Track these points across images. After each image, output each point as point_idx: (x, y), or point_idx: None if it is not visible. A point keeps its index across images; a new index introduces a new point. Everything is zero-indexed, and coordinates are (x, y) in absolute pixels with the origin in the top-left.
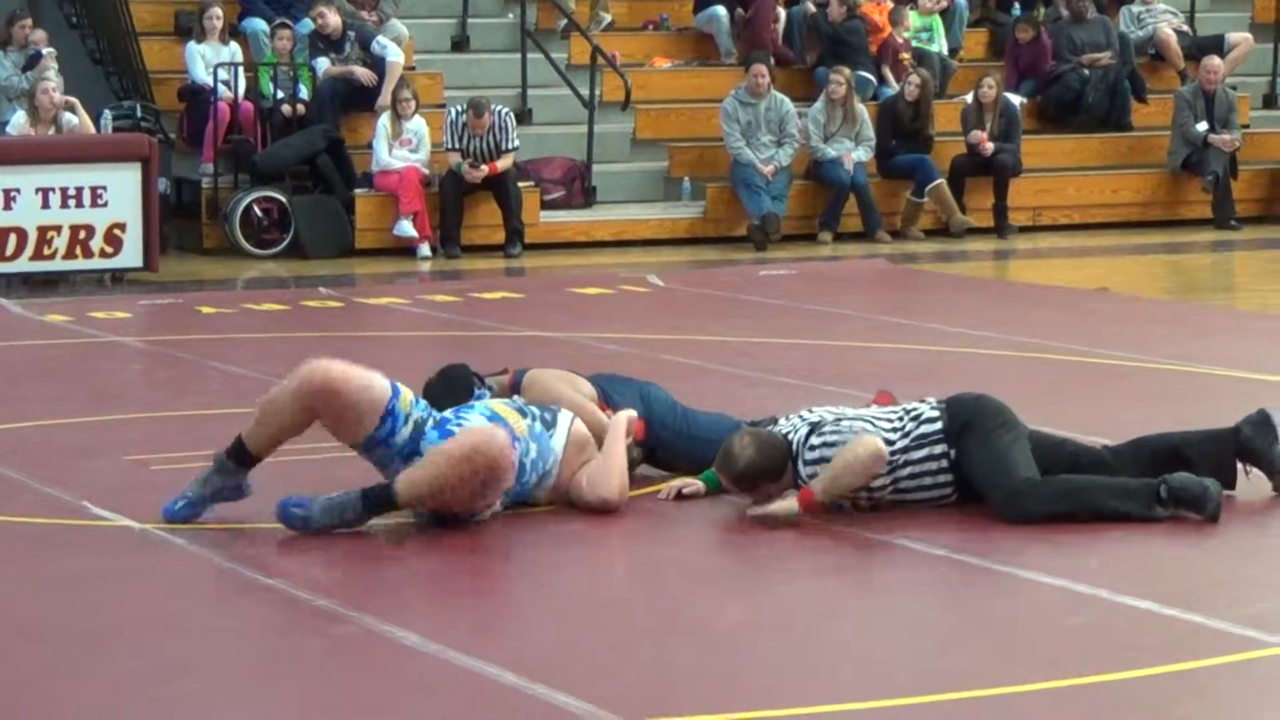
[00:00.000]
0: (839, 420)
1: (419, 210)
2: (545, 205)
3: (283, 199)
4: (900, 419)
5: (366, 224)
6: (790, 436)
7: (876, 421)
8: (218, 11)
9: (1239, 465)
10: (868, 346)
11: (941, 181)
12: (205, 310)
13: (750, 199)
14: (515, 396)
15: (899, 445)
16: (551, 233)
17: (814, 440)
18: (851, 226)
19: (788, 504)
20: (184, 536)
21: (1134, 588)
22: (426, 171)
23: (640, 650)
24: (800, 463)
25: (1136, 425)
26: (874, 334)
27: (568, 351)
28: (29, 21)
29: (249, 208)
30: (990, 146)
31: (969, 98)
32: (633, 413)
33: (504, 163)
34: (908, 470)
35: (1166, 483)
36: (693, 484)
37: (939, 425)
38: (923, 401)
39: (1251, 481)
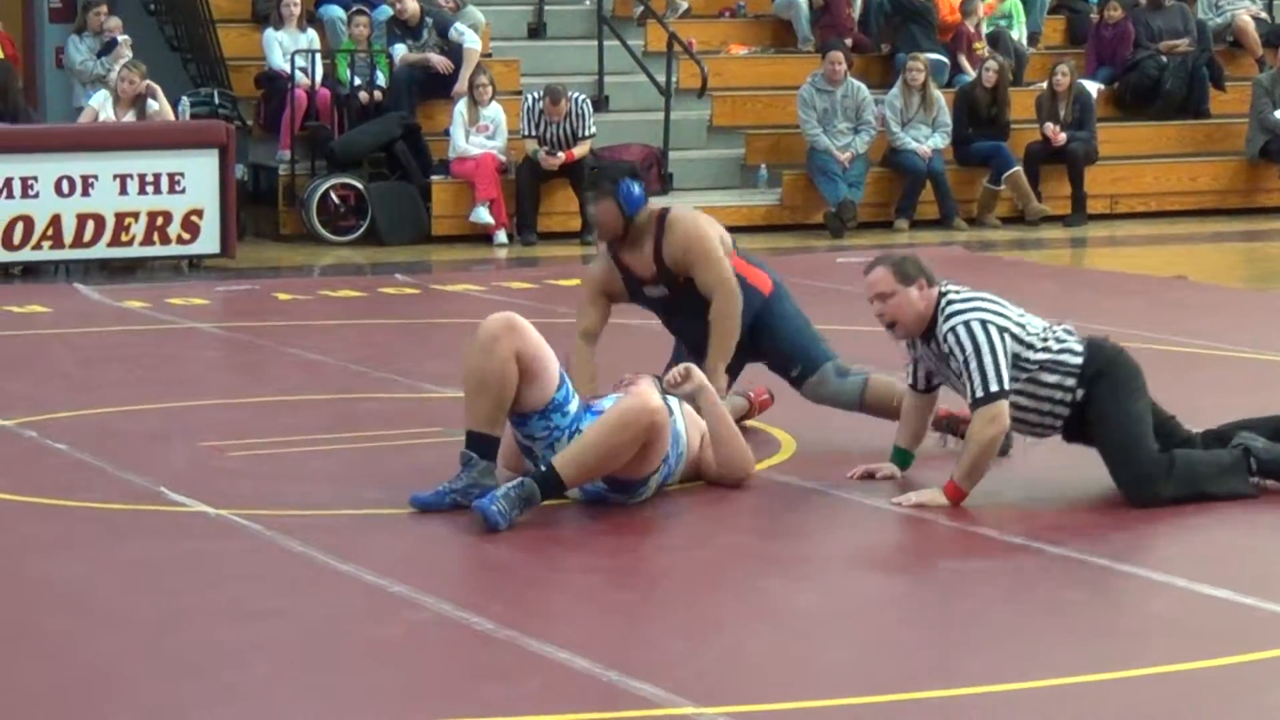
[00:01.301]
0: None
1: (495, 197)
2: None
3: (359, 185)
4: (1045, 334)
5: (443, 211)
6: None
7: (1027, 327)
8: None
9: None
10: None
11: (1018, 169)
12: (282, 297)
13: (827, 186)
14: None
15: (1035, 359)
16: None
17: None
18: (928, 214)
19: (934, 494)
20: (259, 523)
21: (1211, 575)
22: (503, 158)
23: (710, 637)
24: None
25: (1216, 413)
26: None
27: (642, 338)
28: (105, 8)
29: (326, 194)
30: (1063, 138)
31: (1044, 85)
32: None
33: (581, 150)
34: (1032, 389)
35: (1253, 453)
36: (886, 468)
37: (1078, 361)
38: (1065, 329)
39: None
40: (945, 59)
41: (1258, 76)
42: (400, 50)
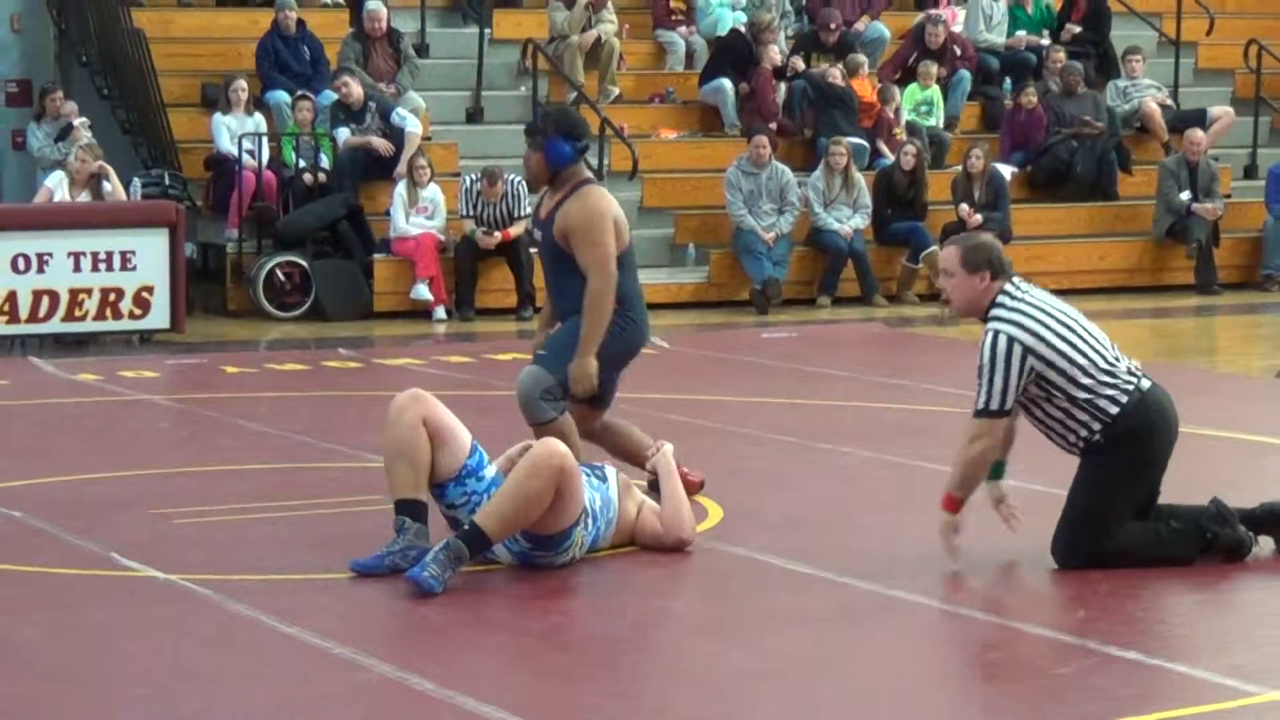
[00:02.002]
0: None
1: (435, 275)
2: None
3: (304, 263)
4: (1103, 369)
5: (384, 288)
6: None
7: (1083, 353)
8: (242, 84)
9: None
10: (865, 406)
11: (935, 248)
12: (230, 370)
13: (752, 265)
14: None
15: (1072, 393)
16: None
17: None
18: (850, 291)
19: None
20: (208, 587)
21: (1120, 639)
22: (442, 238)
23: (642, 697)
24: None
25: None
26: (871, 394)
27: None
28: (60, 94)
29: (272, 272)
30: (978, 218)
31: (960, 168)
32: (671, 446)
33: (516, 229)
34: (1061, 415)
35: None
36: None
37: (1114, 411)
38: (1130, 370)
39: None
40: (866, 143)
41: (1164, 161)
42: (344, 134)
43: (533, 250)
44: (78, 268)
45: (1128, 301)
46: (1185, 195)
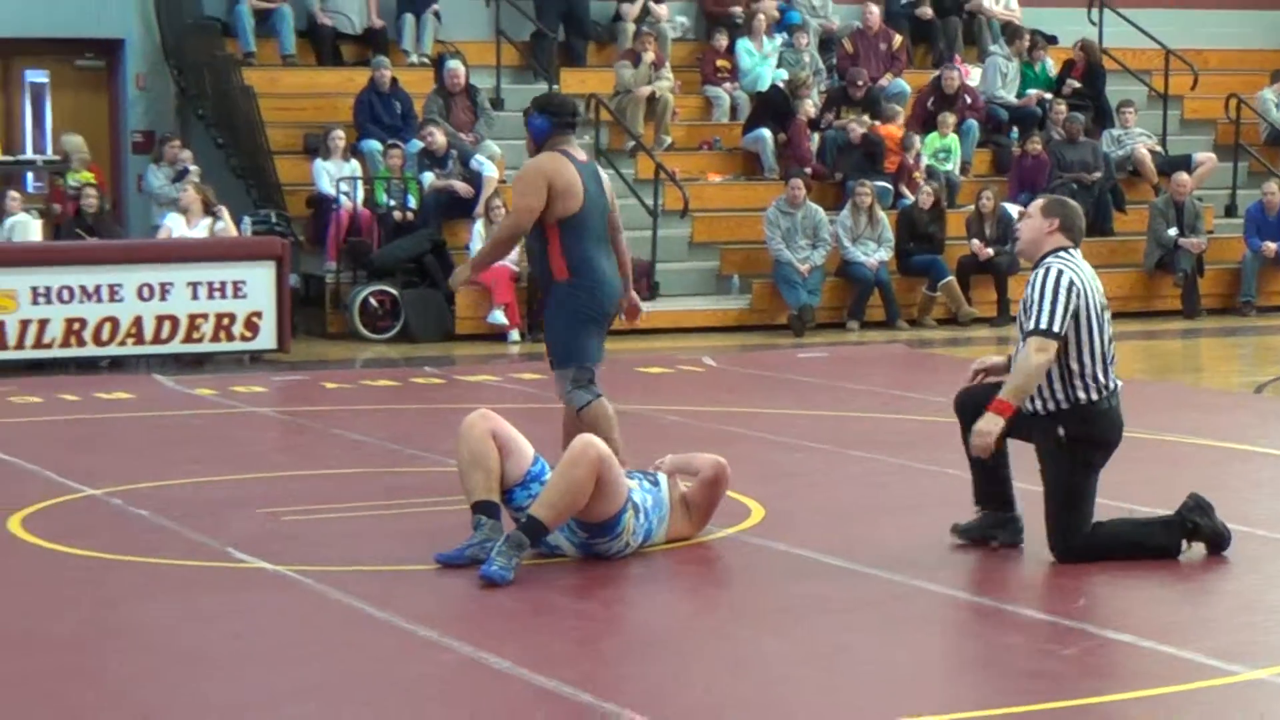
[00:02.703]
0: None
1: (509, 302)
2: None
3: (394, 292)
4: (1101, 353)
5: (465, 313)
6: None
7: (1097, 328)
8: (340, 134)
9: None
10: (890, 418)
11: (951, 278)
12: (329, 386)
13: (789, 293)
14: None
15: (1085, 356)
16: (619, 321)
17: None
18: (875, 316)
19: (988, 420)
20: (311, 577)
21: (1116, 624)
22: (516, 269)
23: (692, 677)
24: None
25: (1113, 486)
26: (895, 407)
27: (635, 422)
28: (178, 141)
29: (366, 299)
30: (989, 252)
31: (973, 207)
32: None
33: None
34: (1057, 364)
35: (1197, 518)
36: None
37: (1084, 398)
38: (1113, 377)
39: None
40: (889, 185)
41: (1153, 201)
42: (429, 178)
43: None
44: (195, 296)
45: (1121, 325)
46: (1173, 231)
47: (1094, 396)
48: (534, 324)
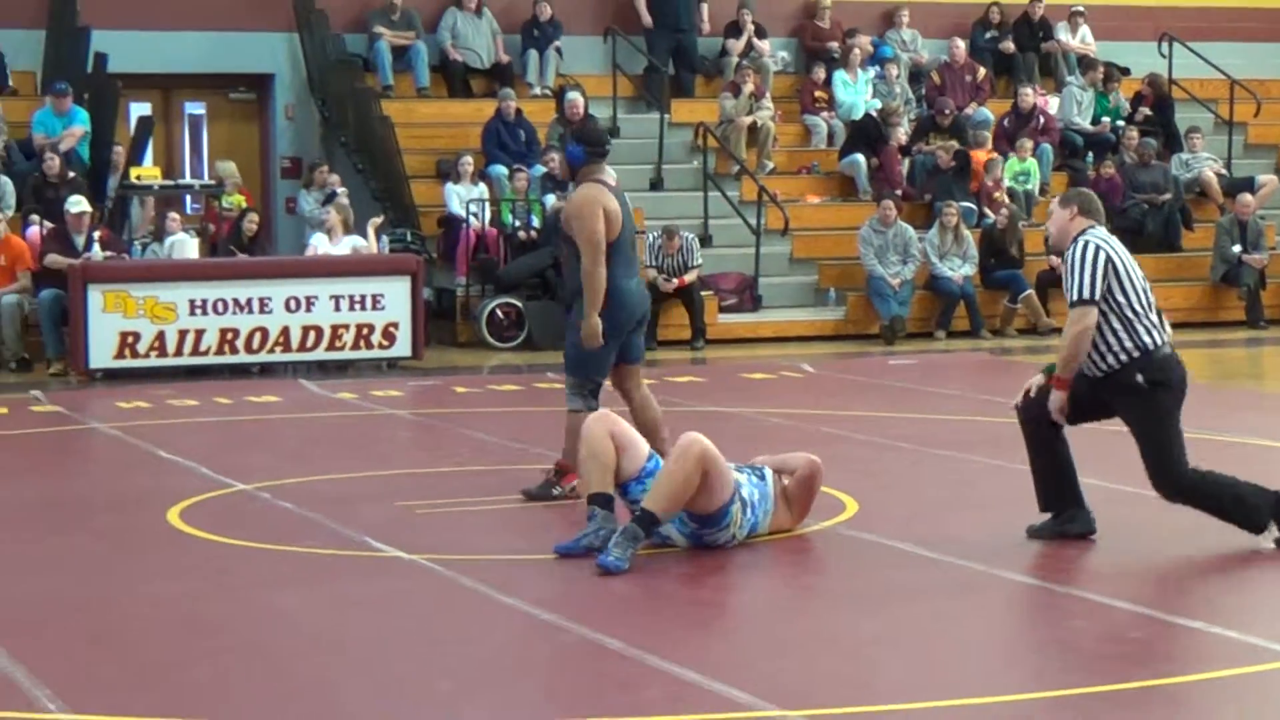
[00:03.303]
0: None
1: None
2: (722, 310)
3: (519, 304)
4: (1148, 307)
5: None
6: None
7: (1139, 287)
8: (469, 159)
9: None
10: (974, 420)
11: (1030, 291)
12: (459, 390)
13: (881, 305)
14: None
15: (1136, 306)
16: (727, 331)
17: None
18: (961, 326)
19: (1056, 396)
20: (442, 565)
21: (1182, 608)
22: None
23: (793, 656)
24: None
25: None
26: (979, 410)
27: (739, 424)
28: (325, 168)
29: (493, 311)
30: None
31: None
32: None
33: (690, 276)
34: (1113, 321)
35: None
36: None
37: (1150, 344)
38: (1163, 327)
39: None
40: (973, 206)
41: (1219, 220)
42: (550, 199)
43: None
44: (338, 308)
45: (1188, 335)
46: (1237, 248)
47: (1157, 340)
48: (647, 333)
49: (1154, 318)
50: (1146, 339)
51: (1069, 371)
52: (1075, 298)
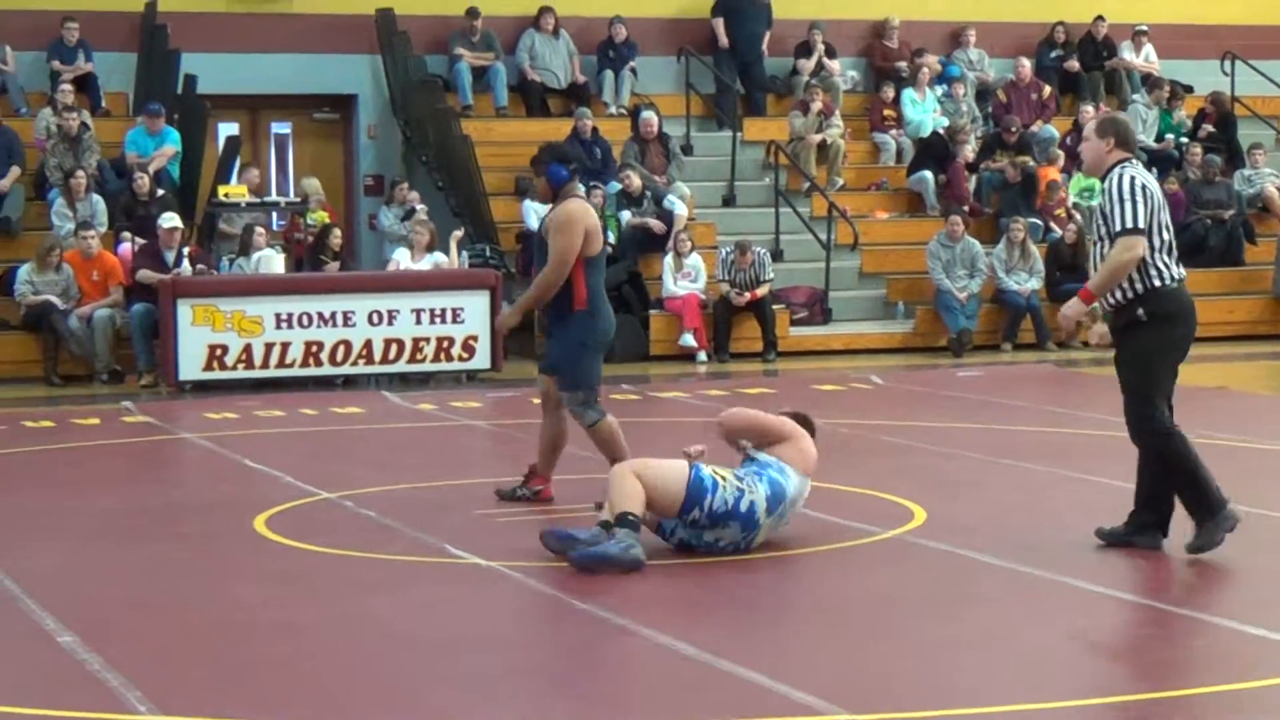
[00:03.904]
0: None
1: (698, 326)
2: (793, 323)
3: None
4: (1169, 246)
5: (658, 336)
6: None
7: (1163, 223)
8: None
9: None
10: (1041, 430)
11: (1096, 306)
12: (536, 401)
13: (949, 318)
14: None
15: (1155, 242)
16: (798, 343)
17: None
18: (1027, 339)
19: (1072, 303)
20: (520, 571)
21: (1247, 617)
22: (703, 297)
23: (864, 660)
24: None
25: (1246, 498)
26: (1044, 421)
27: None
28: (405, 185)
29: None
30: None
31: None
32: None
33: (762, 290)
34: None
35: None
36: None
37: (1158, 283)
38: (1179, 267)
39: None
40: (1039, 221)
41: None
42: (626, 215)
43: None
44: (419, 321)
45: (1251, 347)
46: None
47: (1166, 280)
48: (719, 346)
49: (1167, 257)
50: (1155, 280)
51: (1100, 290)
52: (1126, 226)
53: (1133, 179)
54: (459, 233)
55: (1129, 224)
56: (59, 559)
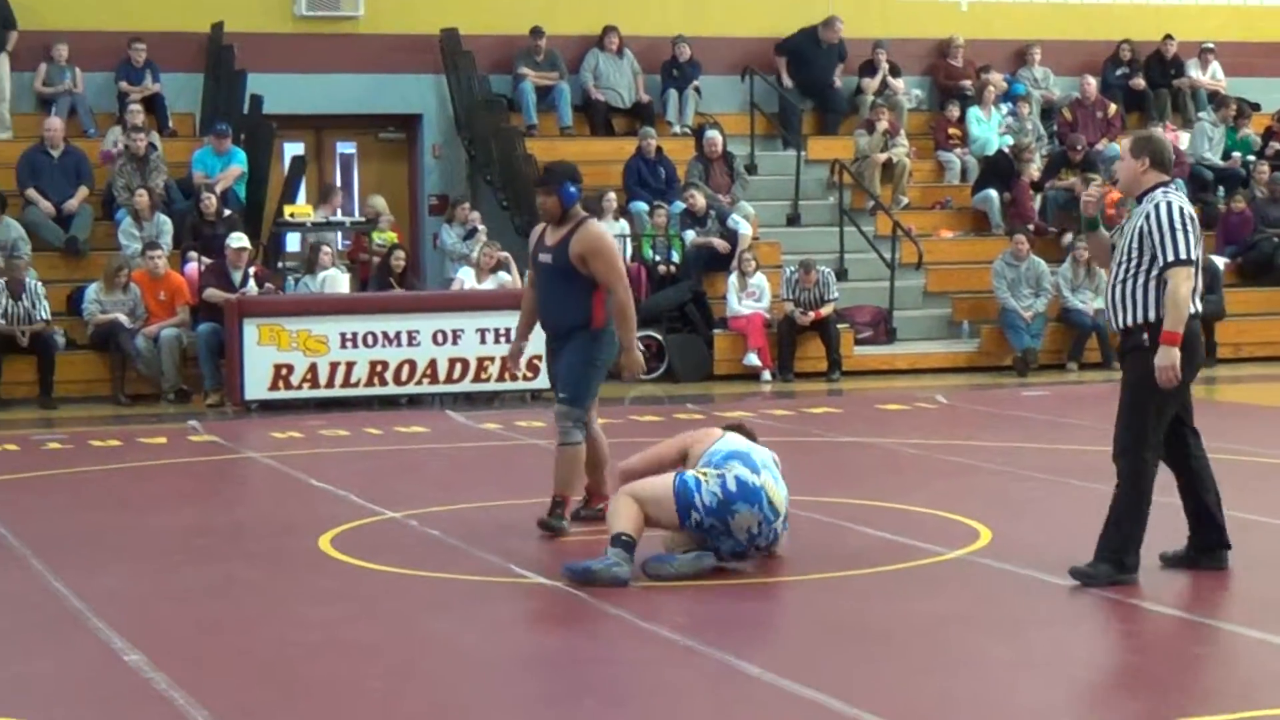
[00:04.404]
0: None
1: (762, 345)
2: (858, 342)
3: (659, 337)
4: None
5: (722, 356)
6: None
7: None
8: (611, 196)
9: None
10: (1106, 450)
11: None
12: (600, 421)
13: (1014, 337)
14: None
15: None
16: (862, 363)
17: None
18: (1093, 358)
19: (1164, 353)
20: (585, 591)
21: None
22: (768, 316)
23: (931, 679)
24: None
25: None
26: (1109, 441)
27: (875, 453)
28: (468, 204)
29: None
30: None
31: None
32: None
33: (827, 309)
34: (1143, 275)
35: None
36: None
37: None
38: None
39: None
40: None
41: None
42: (690, 235)
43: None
44: (483, 340)
45: None
46: None
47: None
48: (783, 366)
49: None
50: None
51: (1178, 327)
52: (1181, 257)
53: (1181, 209)
54: (512, 267)
55: (1182, 255)
56: (126, 578)
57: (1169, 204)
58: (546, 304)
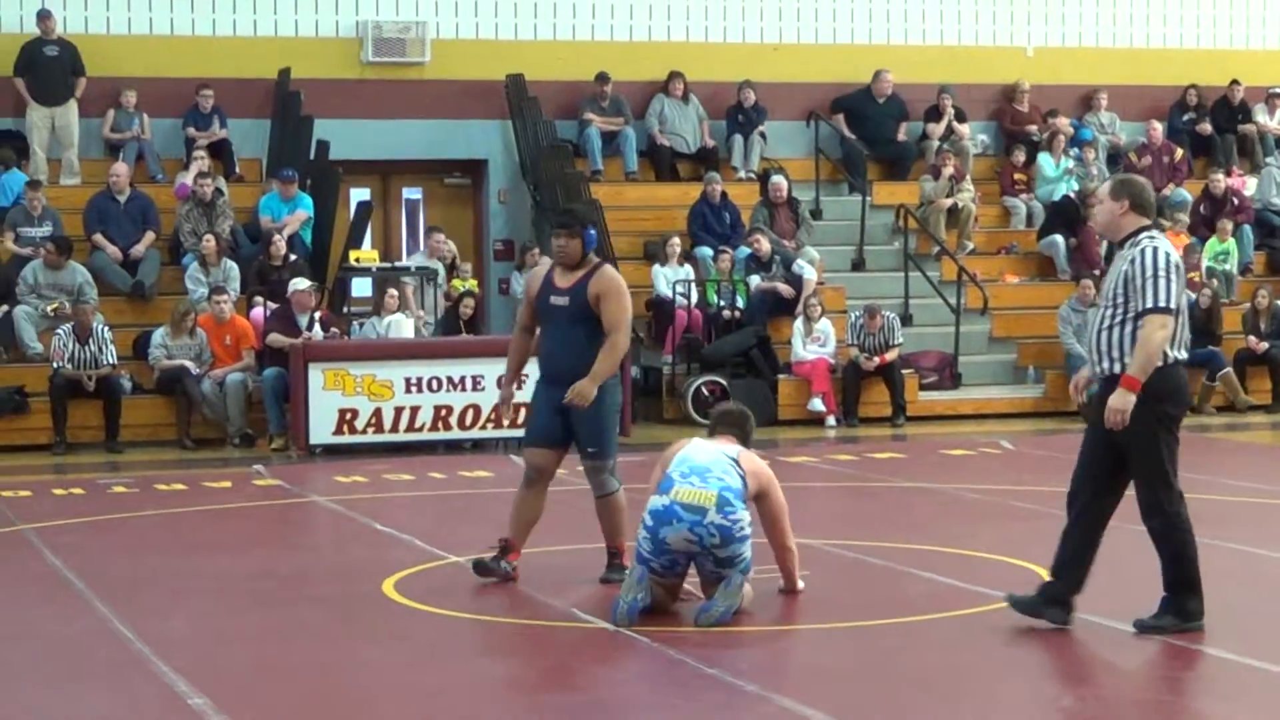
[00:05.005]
0: None
1: (827, 390)
2: (923, 387)
3: (724, 382)
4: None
5: (787, 401)
6: None
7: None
8: (676, 241)
9: None
10: None
11: (1229, 370)
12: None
13: None
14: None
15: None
16: (927, 408)
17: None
18: None
19: (1119, 396)
20: (647, 636)
21: None
22: (832, 361)
23: None
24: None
25: None
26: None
27: (939, 499)
28: (536, 250)
29: (698, 388)
30: (1263, 346)
31: (1249, 305)
32: None
33: (891, 355)
34: (1129, 326)
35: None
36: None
37: (1166, 359)
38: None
39: None
40: None
41: None
42: (755, 280)
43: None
44: None
45: None
46: None
47: (1165, 359)
48: (848, 411)
49: (1175, 333)
50: (1158, 357)
51: (1143, 375)
52: (1160, 304)
53: (1167, 255)
54: None
55: (1161, 302)
56: (190, 622)
57: (1155, 250)
58: (554, 349)
